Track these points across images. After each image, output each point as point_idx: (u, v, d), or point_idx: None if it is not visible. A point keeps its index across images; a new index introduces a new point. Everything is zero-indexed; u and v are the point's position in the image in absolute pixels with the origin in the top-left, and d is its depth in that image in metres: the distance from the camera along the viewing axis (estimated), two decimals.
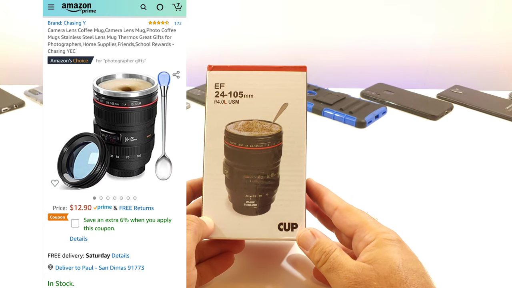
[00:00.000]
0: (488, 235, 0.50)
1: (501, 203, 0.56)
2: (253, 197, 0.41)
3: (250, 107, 0.41)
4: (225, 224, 0.40)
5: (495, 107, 0.83)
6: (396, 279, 0.33)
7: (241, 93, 0.41)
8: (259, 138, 0.40)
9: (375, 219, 0.38)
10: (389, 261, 0.34)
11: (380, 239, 0.36)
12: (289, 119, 0.41)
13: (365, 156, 0.67)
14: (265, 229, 0.40)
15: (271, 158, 0.41)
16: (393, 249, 0.35)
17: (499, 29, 1.00)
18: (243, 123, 0.41)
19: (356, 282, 0.33)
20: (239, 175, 0.41)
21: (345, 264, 0.35)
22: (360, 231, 0.37)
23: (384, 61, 1.02)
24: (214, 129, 0.41)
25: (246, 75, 0.41)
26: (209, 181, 0.41)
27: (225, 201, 0.41)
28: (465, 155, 0.67)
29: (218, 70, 0.42)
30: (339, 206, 0.39)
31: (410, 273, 0.33)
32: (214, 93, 0.41)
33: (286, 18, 0.99)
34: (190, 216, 0.38)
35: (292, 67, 0.42)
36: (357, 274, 0.34)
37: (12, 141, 0.69)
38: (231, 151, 0.41)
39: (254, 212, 0.41)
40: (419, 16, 0.98)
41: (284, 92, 0.41)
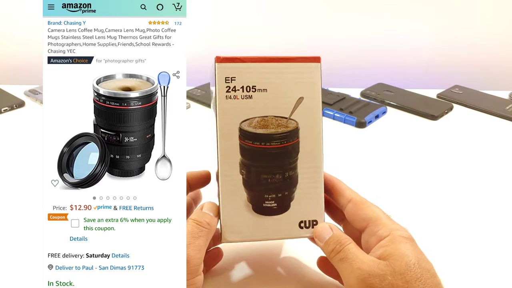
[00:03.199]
0: (488, 235, 0.50)
1: (501, 203, 0.56)
2: (272, 197, 0.39)
3: (264, 103, 0.38)
4: (246, 227, 0.38)
5: (495, 107, 0.83)
6: (412, 276, 0.33)
7: (254, 88, 0.38)
8: (276, 136, 0.38)
9: (389, 216, 0.38)
10: (405, 257, 0.34)
11: (395, 235, 0.36)
12: (305, 114, 0.39)
13: (365, 156, 0.67)
14: (286, 229, 0.39)
15: (289, 156, 0.39)
16: (408, 246, 0.35)
17: (499, 29, 1.00)
18: (258, 119, 0.38)
19: (369, 275, 0.33)
20: (257, 175, 0.39)
21: (360, 256, 0.35)
22: (374, 225, 0.37)
23: (384, 61, 1.02)
24: (227, 127, 0.38)
25: (258, 67, 0.38)
26: (226, 183, 0.38)
27: (244, 202, 0.39)
28: (465, 155, 0.67)
29: (228, 62, 0.38)
30: (354, 199, 0.39)
31: (424, 272, 0.33)
32: (225, 88, 0.38)
33: (285, 18, 0.99)
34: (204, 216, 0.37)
35: (306, 58, 0.39)
36: (372, 267, 0.34)
37: (12, 141, 0.69)
38: (247, 150, 0.38)
39: (274, 212, 0.39)
40: (419, 16, 0.98)
41: (299, 85, 0.38)
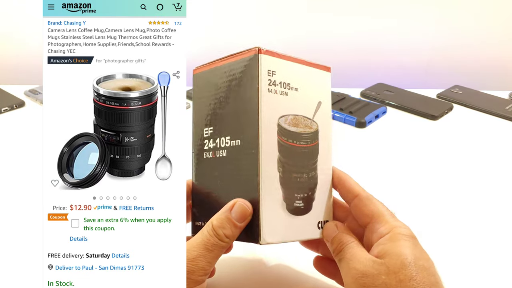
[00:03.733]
0: (488, 235, 0.50)
1: (501, 203, 0.56)
2: (301, 196, 0.38)
3: (295, 101, 0.38)
4: (282, 227, 0.37)
5: (495, 107, 0.83)
6: (405, 275, 0.33)
7: (289, 85, 0.38)
8: (304, 135, 0.38)
9: (393, 213, 0.38)
10: (401, 256, 0.34)
11: (395, 233, 0.35)
12: (321, 117, 0.40)
13: (365, 156, 0.67)
14: (309, 229, 0.39)
15: (314, 156, 0.39)
16: (406, 244, 0.35)
17: (499, 29, 1.00)
18: (291, 117, 0.38)
19: (363, 275, 0.33)
20: (290, 173, 0.38)
21: (357, 256, 0.35)
22: (376, 222, 0.37)
23: (384, 61, 1.02)
24: (268, 121, 0.36)
25: (293, 66, 0.38)
26: (266, 179, 0.36)
27: (281, 201, 0.37)
28: (465, 155, 0.67)
29: (270, 56, 0.37)
30: (360, 194, 0.39)
31: (420, 271, 0.33)
32: (267, 80, 0.37)
33: (285, 18, 0.99)
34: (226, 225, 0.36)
35: (322, 66, 0.41)
36: (366, 266, 0.34)
37: (12, 141, 0.69)
38: (283, 147, 0.37)
39: (301, 212, 0.38)
40: (419, 16, 0.98)
41: (319, 89, 0.40)
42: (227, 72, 0.39)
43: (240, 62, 0.38)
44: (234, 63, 0.38)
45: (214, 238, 0.35)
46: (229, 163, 0.38)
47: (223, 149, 0.38)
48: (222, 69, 0.39)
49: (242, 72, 0.37)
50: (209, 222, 0.36)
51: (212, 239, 0.35)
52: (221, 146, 0.39)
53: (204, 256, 0.35)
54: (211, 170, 0.40)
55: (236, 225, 0.35)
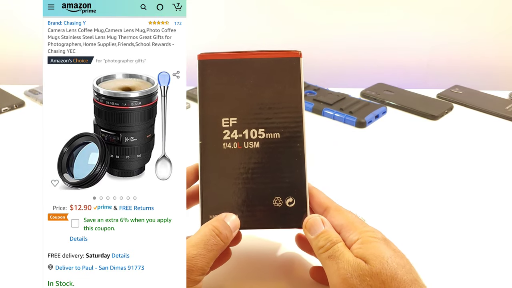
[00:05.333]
0: (487, 235, 0.50)
1: (501, 202, 0.56)
2: None
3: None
4: None
5: (495, 107, 0.83)
6: (387, 275, 0.33)
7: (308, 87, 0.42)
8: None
9: (362, 220, 0.39)
10: (377, 257, 0.34)
11: (365, 237, 0.36)
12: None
13: (365, 156, 0.67)
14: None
15: None
16: (378, 245, 0.35)
17: (499, 29, 1.00)
18: None
19: (352, 275, 0.34)
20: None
21: (346, 256, 0.35)
22: (345, 230, 0.37)
23: (384, 61, 1.02)
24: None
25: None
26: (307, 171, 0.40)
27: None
28: (465, 155, 0.67)
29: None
30: (329, 206, 0.39)
31: (399, 268, 0.34)
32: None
33: (285, 18, 0.99)
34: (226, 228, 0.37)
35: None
36: (354, 267, 0.34)
37: (12, 141, 0.69)
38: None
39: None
40: (419, 16, 0.98)
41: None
42: (261, 67, 0.40)
43: (278, 61, 0.40)
44: (271, 61, 0.40)
45: (216, 238, 0.36)
46: (265, 155, 0.39)
47: (255, 141, 0.40)
48: (251, 63, 0.40)
49: (282, 71, 0.40)
50: (209, 223, 0.37)
51: (213, 239, 0.36)
52: (251, 138, 0.40)
53: (204, 255, 0.35)
54: (234, 161, 0.40)
55: (231, 231, 0.37)
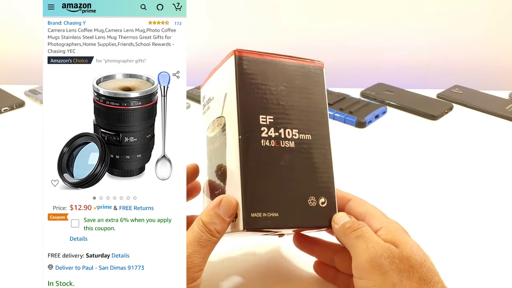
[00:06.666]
0: (487, 235, 0.50)
1: (501, 203, 0.56)
2: None
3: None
4: None
5: (495, 107, 0.83)
6: (416, 261, 0.34)
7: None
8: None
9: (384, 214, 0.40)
10: (407, 244, 0.35)
11: (389, 226, 0.37)
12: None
13: (365, 156, 0.67)
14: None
15: None
16: (404, 234, 0.37)
17: (499, 29, 1.00)
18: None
19: (381, 255, 0.34)
20: None
21: (375, 237, 0.36)
22: (368, 219, 0.39)
23: (384, 61, 1.02)
24: None
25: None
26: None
27: None
28: (465, 155, 0.67)
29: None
30: (352, 198, 0.41)
31: (427, 258, 0.35)
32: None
33: (286, 18, 0.99)
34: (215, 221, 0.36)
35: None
36: (384, 248, 0.35)
37: (12, 141, 0.69)
38: None
39: None
40: (419, 16, 0.98)
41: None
42: (292, 71, 0.42)
43: (305, 67, 0.42)
44: (300, 66, 0.42)
45: (207, 234, 0.36)
46: (300, 155, 0.40)
47: (290, 140, 0.40)
48: (284, 66, 0.41)
49: (309, 78, 0.42)
50: (198, 219, 0.37)
51: (205, 235, 0.36)
52: (287, 137, 0.40)
53: (199, 252, 0.35)
54: (272, 159, 0.39)
55: (225, 220, 0.36)
